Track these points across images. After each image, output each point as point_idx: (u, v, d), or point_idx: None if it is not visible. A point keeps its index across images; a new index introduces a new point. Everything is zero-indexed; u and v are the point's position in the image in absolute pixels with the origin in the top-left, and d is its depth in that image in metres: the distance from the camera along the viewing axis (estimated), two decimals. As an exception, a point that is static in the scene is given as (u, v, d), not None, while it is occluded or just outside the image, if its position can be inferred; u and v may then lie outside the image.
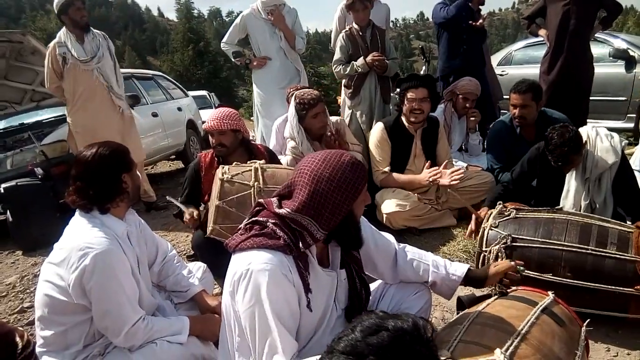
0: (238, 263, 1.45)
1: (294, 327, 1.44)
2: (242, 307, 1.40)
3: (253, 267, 1.39)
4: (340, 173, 1.44)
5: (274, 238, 1.45)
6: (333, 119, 3.75)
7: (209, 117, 3.02)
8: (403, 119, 3.58)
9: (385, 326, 0.95)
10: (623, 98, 5.80)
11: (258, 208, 1.58)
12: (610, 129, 3.03)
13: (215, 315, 1.98)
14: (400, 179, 3.56)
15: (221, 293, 2.55)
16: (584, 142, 2.73)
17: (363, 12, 4.23)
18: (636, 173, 3.00)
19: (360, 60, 4.22)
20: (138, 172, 2.00)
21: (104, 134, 3.95)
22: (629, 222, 2.64)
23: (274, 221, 1.48)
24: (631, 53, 5.61)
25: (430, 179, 3.33)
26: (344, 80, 4.56)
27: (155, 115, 6.09)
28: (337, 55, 4.39)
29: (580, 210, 2.76)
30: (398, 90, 3.58)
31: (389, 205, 3.38)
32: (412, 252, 1.86)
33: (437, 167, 3.39)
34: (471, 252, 3.02)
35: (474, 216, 3.02)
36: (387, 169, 3.57)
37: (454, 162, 4.01)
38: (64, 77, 4.19)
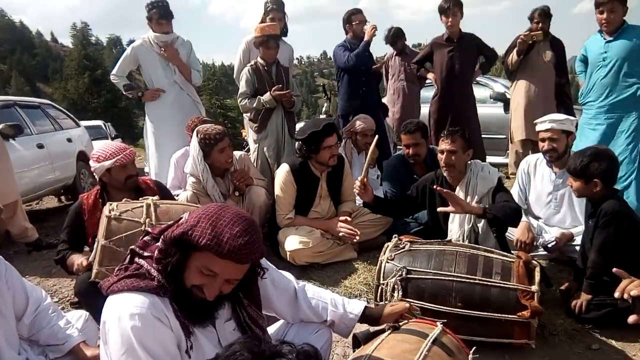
0: (108, 308, 1.35)
1: None
2: (115, 356, 1.29)
3: (122, 312, 1.30)
4: (219, 218, 1.33)
5: (147, 279, 1.37)
6: (237, 154, 3.70)
7: (109, 154, 2.72)
8: (310, 163, 3.56)
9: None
10: (503, 136, 6.40)
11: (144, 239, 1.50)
12: (492, 165, 3.31)
13: None
14: (305, 223, 3.55)
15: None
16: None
17: (274, 50, 4.30)
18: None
19: (267, 95, 4.22)
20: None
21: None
22: (513, 252, 2.86)
23: (148, 254, 1.41)
24: (508, 96, 6.21)
25: (341, 234, 3.40)
26: (248, 114, 4.54)
27: (40, 146, 5.59)
28: (243, 88, 4.36)
29: (464, 234, 2.95)
30: (301, 139, 3.49)
31: (291, 243, 3.35)
32: (311, 290, 1.85)
33: (352, 228, 3.41)
34: (371, 284, 3.07)
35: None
36: (291, 214, 3.55)
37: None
38: None
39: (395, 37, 6.21)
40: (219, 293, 1.38)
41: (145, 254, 1.43)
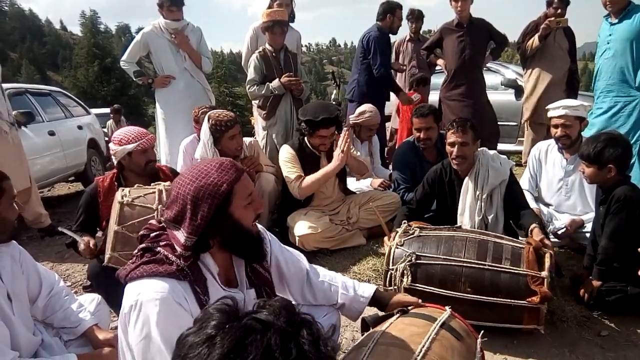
0: (128, 294, 1.35)
1: None
2: (133, 341, 1.30)
3: (142, 297, 1.30)
4: (203, 173, 1.40)
5: (165, 264, 1.37)
6: (246, 140, 3.70)
7: (132, 137, 2.69)
8: (307, 142, 3.57)
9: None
10: (514, 123, 6.35)
11: (145, 231, 1.51)
12: (504, 152, 3.28)
13: (106, 349, 1.83)
14: (314, 178, 3.47)
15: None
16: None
17: (280, 35, 4.27)
18: (524, 192, 3.25)
19: (276, 82, 4.22)
20: (15, 205, 1.80)
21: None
22: (521, 238, 2.85)
23: (164, 243, 1.41)
24: (519, 83, 6.14)
25: (343, 149, 3.38)
26: (256, 101, 4.54)
27: (52, 133, 5.66)
28: (251, 75, 4.36)
29: (475, 226, 2.94)
30: (302, 120, 3.51)
31: (301, 228, 3.37)
32: (322, 272, 1.87)
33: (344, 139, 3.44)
34: (380, 270, 3.08)
35: (386, 238, 3.08)
36: (299, 173, 3.49)
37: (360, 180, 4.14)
38: None
39: (419, 17, 6.26)
40: (261, 209, 1.56)
41: (161, 243, 1.43)
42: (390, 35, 5.25)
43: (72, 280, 3.40)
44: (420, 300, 1.78)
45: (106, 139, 7.76)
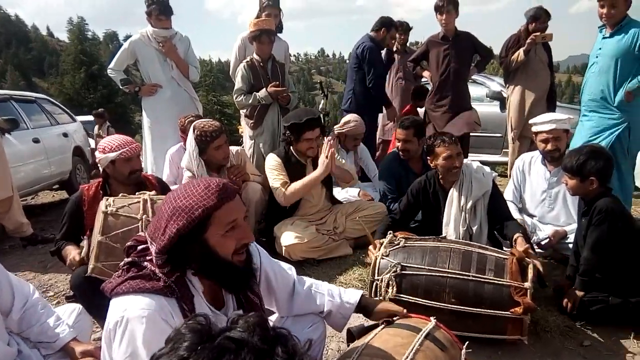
0: (114, 309, 1.33)
1: None
2: (118, 358, 1.28)
3: (128, 313, 1.28)
4: (186, 193, 1.34)
5: (152, 280, 1.35)
6: (233, 149, 3.69)
7: (115, 146, 2.69)
8: (293, 151, 3.57)
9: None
10: (499, 135, 6.43)
11: (132, 242, 1.48)
12: (489, 163, 3.32)
13: None
14: (299, 185, 3.46)
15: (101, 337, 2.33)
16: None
17: (268, 45, 4.29)
18: (508, 203, 3.29)
19: (263, 92, 4.23)
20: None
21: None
22: (505, 248, 2.88)
23: (150, 258, 1.39)
24: (504, 95, 6.21)
25: (328, 156, 3.37)
26: (244, 111, 4.55)
27: (36, 141, 5.59)
28: (239, 84, 4.37)
29: (459, 236, 2.97)
30: (286, 127, 3.51)
31: (287, 238, 3.37)
32: (308, 281, 1.86)
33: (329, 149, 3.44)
34: (366, 280, 3.08)
35: (371, 246, 3.09)
36: (285, 180, 3.48)
37: (347, 190, 4.15)
38: None
39: (407, 30, 6.33)
40: (248, 239, 1.44)
41: (147, 258, 1.41)
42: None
43: (55, 290, 3.35)
44: (405, 310, 1.78)
45: (93, 146, 7.70)
